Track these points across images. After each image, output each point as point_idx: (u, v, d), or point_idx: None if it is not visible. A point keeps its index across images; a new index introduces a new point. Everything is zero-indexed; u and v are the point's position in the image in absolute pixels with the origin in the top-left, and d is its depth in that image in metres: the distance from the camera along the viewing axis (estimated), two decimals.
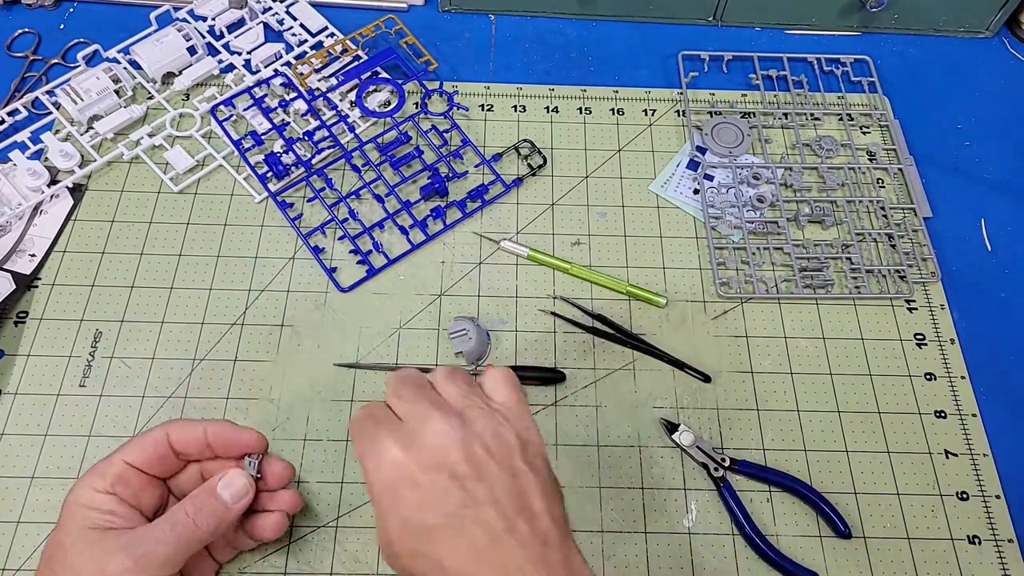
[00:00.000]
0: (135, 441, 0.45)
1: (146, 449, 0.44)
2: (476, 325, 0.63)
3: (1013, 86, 0.82)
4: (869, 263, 0.69)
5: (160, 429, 0.45)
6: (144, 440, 0.45)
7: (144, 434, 0.45)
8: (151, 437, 0.45)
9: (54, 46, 0.80)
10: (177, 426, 0.46)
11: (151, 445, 0.44)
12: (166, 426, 0.46)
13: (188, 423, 0.46)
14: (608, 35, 0.84)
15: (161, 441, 0.45)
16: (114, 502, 0.43)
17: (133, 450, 0.44)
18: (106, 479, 0.43)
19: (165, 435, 0.45)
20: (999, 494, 0.60)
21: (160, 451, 0.45)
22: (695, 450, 0.60)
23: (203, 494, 0.45)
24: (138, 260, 0.68)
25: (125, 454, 0.44)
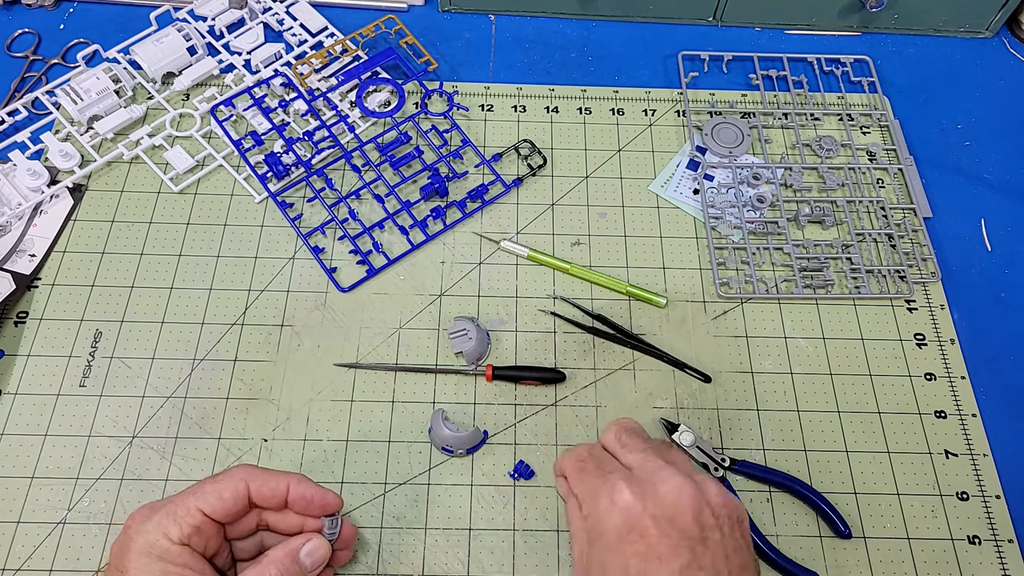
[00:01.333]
0: (212, 488, 0.42)
1: (225, 501, 0.41)
2: (476, 325, 0.63)
3: (1013, 86, 0.82)
4: (869, 263, 0.69)
5: (240, 479, 0.42)
6: (222, 491, 0.41)
7: (222, 482, 0.42)
8: (231, 489, 0.42)
9: (54, 46, 0.80)
10: (258, 479, 0.43)
11: (231, 498, 0.41)
12: (246, 476, 0.43)
13: (269, 475, 0.43)
14: (608, 35, 0.84)
15: (242, 495, 0.42)
16: (188, 554, 0.40)
17: (212, 500, 0.41)
18: (182, 528, 0.40)
19: (246, 488, 0.42)
20: (999, 494, 0.60)
21: (240, 504, 0.42)
22: (695, 450, 0.60)
23: (287, 559, 0.42)
24: (138, 260, 0.68)
25: (203, 503, 0.41)
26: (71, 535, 0.56)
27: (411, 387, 0.63)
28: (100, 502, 0.57)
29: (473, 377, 0.63)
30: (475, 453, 0.60)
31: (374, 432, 0.61)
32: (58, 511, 0.57)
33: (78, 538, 0.56)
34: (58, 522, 0.57)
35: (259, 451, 0.60)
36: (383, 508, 0.58)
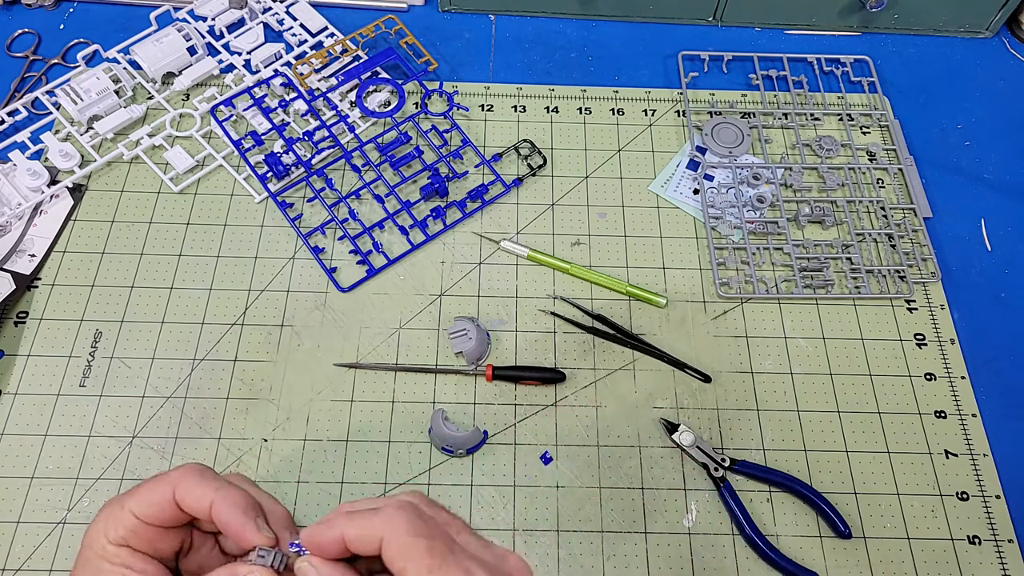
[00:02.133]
0: (145, 490, 0.39)
1: (153, 506, 0.38)
2: (476, 325, 0.63)
3: (1013, 86, 0.82)
4: (869, 263, 0.69)
5: (168, 484, 0.38)
6: (152, 494, 0.38)
7: (153, 485, 0.39)
8: (159, 492, 0.38)
9: (54, 46, 0.80)
10: (185, 484, 0.39)
11: (158, 503, 0.38)
12: (177, 479, 0.39)
13: (198, 484, 0.38)
14: (608, 35, 0.84)
15: (168, 500, 0.38)
16: (127, 554, 0.38)
17: (140, 503, 0.38)
18: (117, 530, 0.38)
19: (171, 493, 0.38)
20: (999, 494, 0.60)
21: (167, 512, 0.39)
22: (695, 450, 0.60)
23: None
24: (138, 260, 0.68)
25: (133, 505, 0.38)
26: (71, 535, 0.56)
27: (411, 387, 0.63)
28: (100, 502, 0.57)
29: (473, 377, 0.63)
30: (475, 453, 0.60)
31: (374, 432, 0.61)
32: (58, 511, 0.57)
33: (78, 538, 0.56)
34: (58, 522, 0.57)
35: (259, 451, 0.60)
36: None
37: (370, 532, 0.34)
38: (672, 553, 0.57)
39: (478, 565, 0.33)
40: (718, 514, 0.58)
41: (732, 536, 0.58)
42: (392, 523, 0.33)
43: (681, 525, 0.58)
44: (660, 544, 0.57)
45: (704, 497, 0.59)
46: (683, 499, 0.59)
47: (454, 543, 0.34)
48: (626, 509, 0.58)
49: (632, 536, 0.58)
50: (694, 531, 0.58)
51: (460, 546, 0.34)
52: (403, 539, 0.33)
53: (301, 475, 0.59)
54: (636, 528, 0.58)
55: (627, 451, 0.61)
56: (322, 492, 0.58)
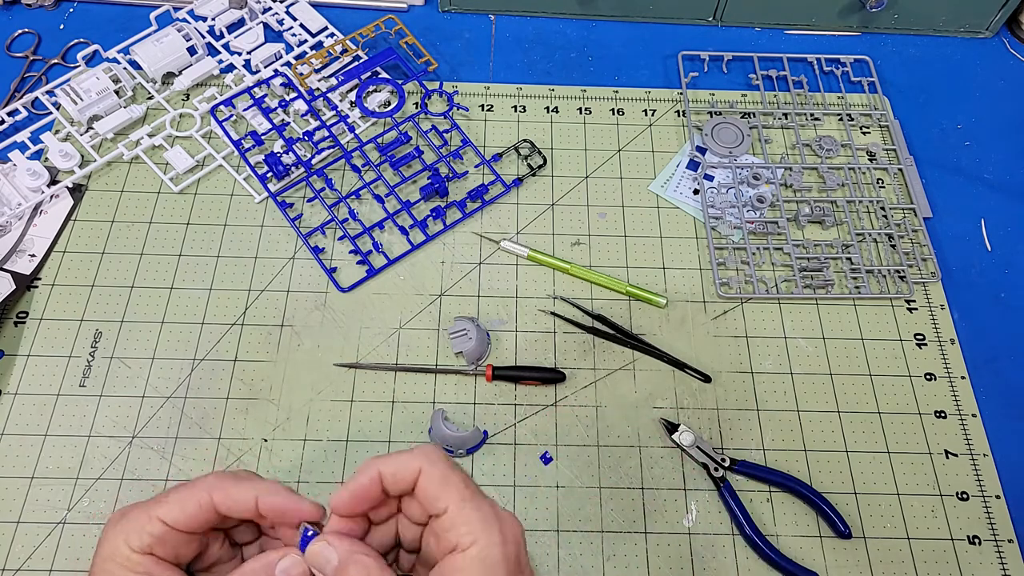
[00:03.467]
0: (176, 499, 0.39)
1: (188, 513, 0.39)
2: (476, 325, 0.63)
3: (1013, 86, 0.82)
4: (869, 263, 0.69)
5: (204, 490, 0.39)
6: (185, 501, 0.39)
7: (185, 493, 0.39)
8: (194, 500, 0.39)
9: (54, 46, 0.80)
10: (223, 489, 0.40)
11: (193, 510, 0.39)
12: (211, 486, 0.40)
13: (237, 485, 0.40)
14: (608, 35, 0.84)
15: (206, 506, 0.39)
16: (151, 562, 0.38)
17: (174, 510, 0.39)
18: (142, 538, 0.38)
19: (209, 499, 0.39)
20: (999, 494, 0.60)
21: (204, 517, 0.39)
22: (695, 450, 0.60)
23: (261, 574, 0.39)
24: (138, 260, 0.68)
25: (164, 512, 0.38)
26: (71, 535, 0.56)
27: (411, 387, 0.63)
28: (100, 502, 0.57)
29: (473, 377, 0.63)
30: (475, 453, 0.60)
31: (374, 432, 0.61)
32: (58, 511, 0.57)
33: (78, 538, 0.56)
34: (58, 522, 0.57)
35: (259, 451, 0.60)
36: None
37: (407, 466, 0.36)
38: (672, 553, 0.57)
39: (493, 507, 0.36)
40: (718, 514, 0.58)
41: (732, 536, 0.58)
42: (430, 457, 0.37)
43: (681, 525, 0.58)
44: (660, 544, 0.57)
45: (704, 497, 0.59)
46: (683, 499, 0.59)
47: (476, 488, 0.37)
48: (626, 509, 0.58)
49: (632, 536, 0.58)
50: (694, 531, 0.58)
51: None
52: (443, 469, 0.36)
53: (301, 475, 0.59)
54: (636, 528, 0.58)
55: (627, 451, 0.61)
56: (322, 492, 0.58)
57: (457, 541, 0.35)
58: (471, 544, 0.35)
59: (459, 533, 0.35)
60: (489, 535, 0.35)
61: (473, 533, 0.35)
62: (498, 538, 0.35)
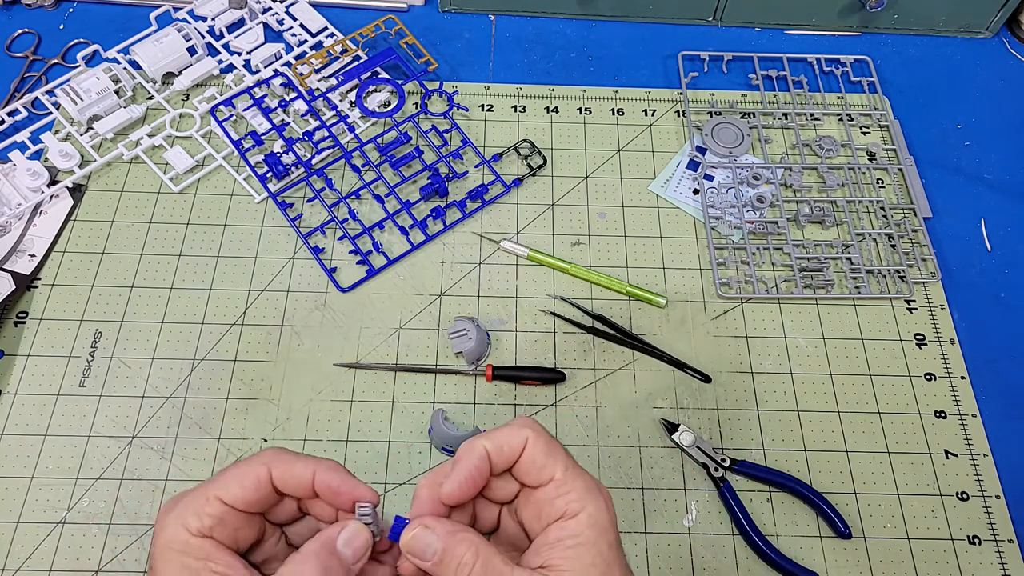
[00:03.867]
0: (233, 475, 0.39)
1: (247, 488, 0.38)
2: (476, 325, 0.63)
3: (1013, 86, 0.82)
4: (869, 263, 0.69)
5: (262, 464, 0.39)
6: (244, 477, 0.39)
7: (244, 468, 0.39)
8: (252, 475, 0.39)
9: (54, 46, 0.80)
10: (281, 464, 0.40)
11: (252, 485, 0.38)
12: (269, 461, 0.39)
13: (294, 461, 0.39)
14: (608, 35, 0.84)
15: (264, 481, 0.39)
16: (211, 546, 0.38)
17: (232, 487, 0.38)
18: (202, 520, 0.37)
19: (268, 473, 0.39)
20: (999, 494, 0.60)
21: (262, 492, 0.39)
22: (695, 450, 0.60)
23: (324, 551, 0.38)
24: (138, 260, 0.68)
25: (222, 491, 0.38)
26: (71, 535, 0.56)
27: (411, 387, 0.63)
28: (100, 502, 0.57)
29: (473, 377, 0.63)
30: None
31: (374, 432, 0.61)
32: (58, 511, 0.57)
33: (78, 538, 0.56)
34: (58, 522, 0.57)
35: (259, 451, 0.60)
36: (383, 508, 0.58)
37: (513, 439, 0.37)
38: (672, 553, 0.57)
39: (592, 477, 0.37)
40: (718, 514, 0.58)
41: (732, 536, 0.58)
42: (534, 428, 0.37)
43: (681, 525, 0.58)
44: (660, 544, 0.57)
45: (704, 497, 0.59)
46: (683, 499, 0.59)
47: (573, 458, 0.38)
48: (626, 509, 0.58)
49: (632, 536, 0.58)
50: (694, 531, 0.58)
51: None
52: (547, 439, 0.37)
53: None
54: (636, 528, 0.58)
55: (627, 451, 0.61)
56: None
57: (565, 508, 0.36)
58: (580, 510, 0.35)
59: (567, 500, 0.36)
60: (595, 501, 0.36)
61: (582, 500, 0.36)
62: (603, 503, 0.36)
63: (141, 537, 0.56)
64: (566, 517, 0.36)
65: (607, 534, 0.36)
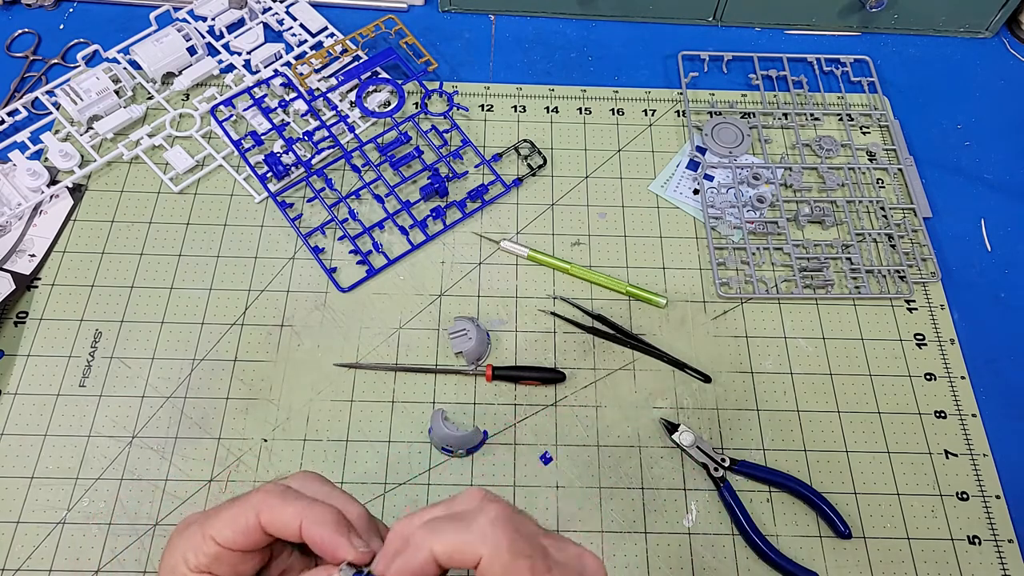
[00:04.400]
0: (224, 516, 0.38)
1: (237, 533, 0.38)
2: (476, 325, 0.63)
3: (1013, 86, 0.82)
4: (869, 263, 0.69)
5: (251, 509, 0.38)
6: (235, 520, 0.38)
7: (235, 511, 0.38)
8: (242, 519, 0.38)
9: (54, 46, 0.80)
10: (269, 510, 0.38)
11: (242, 530, 0.38)
12: (258, 505, 0.38)
13: (283, 507, 0.38)
14: (608, 35, 0.84)
15: (253, 526, 0.38)
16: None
17: (224, 529, 0.38)
18: (198, 557, 0.37)
19: (256, 519, 0.38)
20: (999, 494, 0.60)
21: (252, 537, 0.38)
22: (695, 450, 0.60)
23: None
24: (138, 260, 0.68)
25: (216, 531, 0.37)
26: (71, 535, 0.56)
27: (411, 387, 0.63)
28: (100, 502, 0.57)
29: (473, 377, 0.63)
30: (475, 453, 0.60)
31: (374, 432, 0.61)
32: (58, 511, 0.57)
33: (78, 538, 0.56)
34: (58, 522, 0.57)
35: (259, 451, 0.60)
36: (383, 508, 0.58)
37: (467, 550, 0.32)
38: (672, 553, 0.57)
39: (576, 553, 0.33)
40: (718, 514, 0.58)
41: (732, 536, 0.58)
42: (493, 541, 0.32)
43: (681, 525, 0.58)
44: (660, 544, 0.57)
45: (704, 497, 0.59)
46: (683, 499, 0.59)
47: (549, 557, 0.33)
48: (626, 509, 0.58)
49: (632, 536, 0.58)
50: (694, 531, 0.58)
51: (554, 561, 0.33)
52: (505, 559, 0.32)
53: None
54: (636, 528, 0.58)
55: (627, 451, 0.61)
56: None
57: None
58: None
59: None
60: None
61: None
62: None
63: (141, 537, 0.56)
64: None
65: None
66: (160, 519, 0.57)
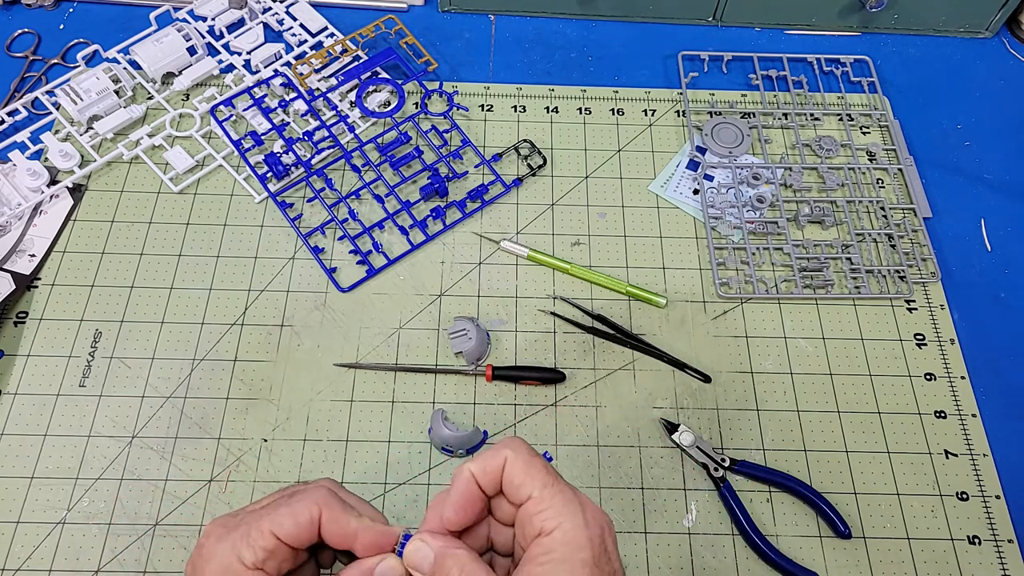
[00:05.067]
0: (288, 511, 0.39)
1: (300, 527, 0.39)
2: (476, 325, 0.63)
3: (1013, 86, 0.82)
4: (869, 263, 0.69)
5: (315, 504, 0.39)
6: (298, 515, 0.39)
7: (298, 503, 0.39)
8: (306, 514, 0.39)
9: (54, 46, 0.80)
10: (330, 511, 0.40)
11: (306, 523, 0.39)
12: (323, 502, 0.39)
13: (343, 511, 0.39)
14: (608, 35, 0.84)
15: (316, 520, 0.39)
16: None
17: (287, 524, 0.38)
18: (256, 553, 0.38)
19: (319, 514, 0.39)
20: (999, 494, 0.60)
21: (314, 531, 0.39)
22: (695, 450, 0.60)
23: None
24: (138, 260, 0.68)
25: (277, 526, 0.38)
26: (71, 535, 0.56)
27: (411, 387, 0.63)
28: (100, 502, 0.57)
29: (473, 377, 0.63)
30: (475, 453, 0.60)
31: (374, 432, 0.61)
32: (58, 511, 0.57)
33: (77, 538, 0.56)
34: (58, 522, 0.57)
35: (259, 451, 0.60)
36: (383, 508, 0.58)
37: (493, 459, 0.37)
38: (672, 553, 0.57)
39: (576, 493, 0.37)
40: (718, 514, 0.58)
41: (732, 536, 0.58)
42: (514, 445, 0.37)
43: (681, 525, 0.58)
44: (660, 544, 0.57)
45: (704, 497, 0.59)
46: (683, 499, 0.59)
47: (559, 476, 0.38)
48: (626, 509, 0.58)
49: (632, 536, 0.58)
50: (694, 531, 0.58)
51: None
52: (526, 457, 0.37)
53: (301, 475, 0.59)
54: (636, 528, 0.58)
55: (627, 451, 0.61)
56: None
57: (542, 525, 0.35)
58: (555, 527, 0.35)
59: (543, 517, 0.36)
60: (573, 518, 0.35)
61: (557, 516, 0.35)
62: (581, 520, 0.35)
63: (141, 537, 0.56)
64: (543, 534, 0.36)
65: (582, 551, 0.35)
66: (160, 519, 0.57)
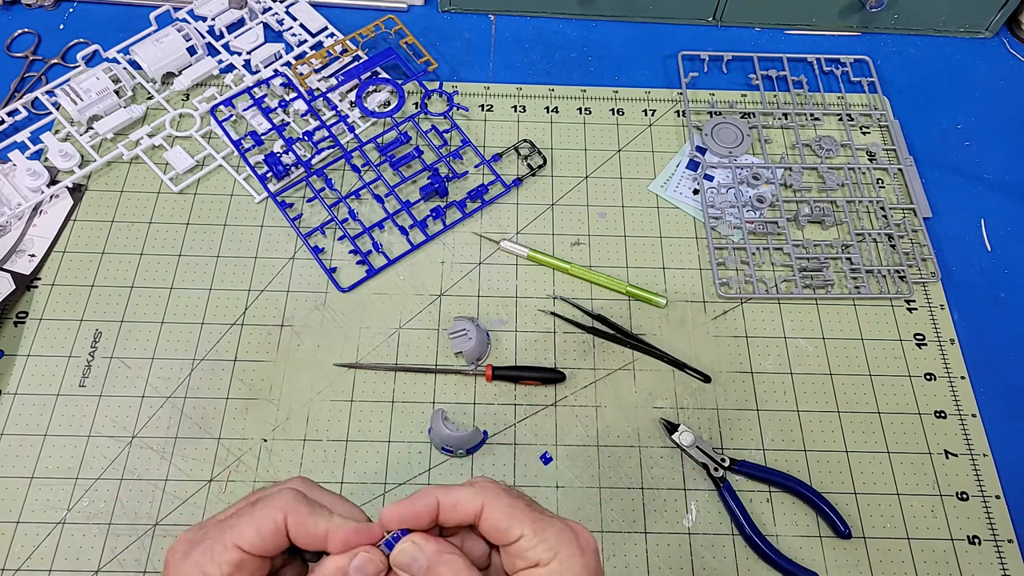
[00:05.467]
0: (249, 520, 0.38)
1: (264, 537, 0.38)
2: (476, 325, 0.63)
3: (1013, 86, 0.82)
4: (869, 263, 0.69)
5: (279, 510, 0.38)
6: (261, 524, 0.38)
7: (260, 513, 0.38)
8: (270, 521, 0.38)
9: (54, 46, 0.80)
10: (297, 514, 0.39)
11: (270, 533, 0.38)
12: (287, 507, 0.38)
13: (311, 513, 0.39)
14: (608, 35, 0.84)
15: (280, 527, 0.38)
16: None
17: (249, 535, 0.38)
18: (221, 568, 0.37)
19: (284, 520, 0.38)
20: (999, 494, 0.60)
21: (280, 540, 0.38)
22: (695, 450, 0.60)
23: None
24: (138, 260, 0.68)
25: (239, 538, 0.37)
26: (71, 535, 0.56)
27: (411, 387, 0.63)
28: (100, 502, 0.57)
29: (473, 377, 0.63)
30: (475, 453, 0.60)
31: (374, 432, 0.61)
32: (58, 511, 0.57)
33: (77, 538, 0.56)
34: (58, 522, 0.57)
35: (259, 451, 0.60)
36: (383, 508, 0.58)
37: (468, 500, 0.37)
38: (672, 553, 0.57)
39: (564, 522, 0.37)
40: (718, 514, 0.58)
41: (732, 536, 0.58)
42: (490, 491, 0.37)
43: (681, 525, 0.58)
44: (660, 544, 0.57)
45: (704, 497, 0.59)
46: (683, 499, 0.59)
47: (539, 506, 0.38)
48: (626, 509, 0.58)
49: (632, 536, 0.58)
50: (694, 531, 0.58)
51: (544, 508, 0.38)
52: (506, 501, 0.37)
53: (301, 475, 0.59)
54: (636, 528, 0.58)
55: (627, 451, 0.61)
56: None
57: (538, 558, 0.36)
58: (552, 558, 0.36)
59: (538, 552, 0.36)
60: (569, 548, 0.36)
61: (552, 548, 0.36)
62: (576, 549, 0.36)
63: (141, 537, 0.56)
64: (540, 565, 0.36)
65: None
66: (160, 519, 0.57)
